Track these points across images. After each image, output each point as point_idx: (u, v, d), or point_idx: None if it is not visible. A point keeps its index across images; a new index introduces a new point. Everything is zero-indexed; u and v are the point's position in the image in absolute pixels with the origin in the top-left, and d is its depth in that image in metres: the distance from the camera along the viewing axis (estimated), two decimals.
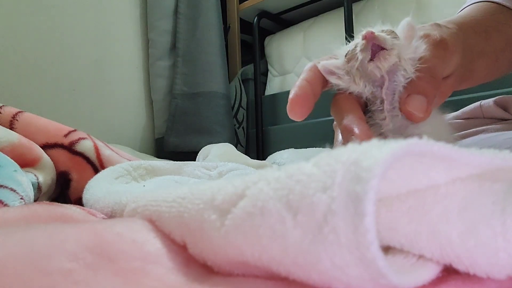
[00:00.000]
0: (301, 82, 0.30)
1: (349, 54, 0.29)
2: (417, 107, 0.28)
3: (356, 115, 0.29)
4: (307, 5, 1.45)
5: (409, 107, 0.28)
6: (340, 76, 0.30)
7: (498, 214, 0.14)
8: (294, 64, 1.45)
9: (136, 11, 1.38)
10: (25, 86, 1.06)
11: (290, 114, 0.30)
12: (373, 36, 0.28)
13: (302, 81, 0.30)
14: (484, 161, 0.15)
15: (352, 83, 0.29)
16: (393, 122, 0.29)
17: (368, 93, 0.29)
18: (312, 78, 0.31)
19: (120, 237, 0.19)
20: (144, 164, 0.52)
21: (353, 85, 0.29)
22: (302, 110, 0.29)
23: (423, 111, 0.27)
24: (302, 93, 0.30)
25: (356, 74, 0.29)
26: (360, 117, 0.29)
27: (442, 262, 0.16)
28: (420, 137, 0.14)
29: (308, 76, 0.31)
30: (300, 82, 0.30)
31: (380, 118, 0.29)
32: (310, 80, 0.30)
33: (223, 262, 0.18)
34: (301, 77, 0.31)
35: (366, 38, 0.28)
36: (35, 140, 0.50)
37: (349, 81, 0.30)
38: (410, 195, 0.16)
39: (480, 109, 0.51)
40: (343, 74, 0.30)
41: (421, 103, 0.28)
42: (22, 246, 0.16)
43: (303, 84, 0.30)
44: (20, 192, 0.37)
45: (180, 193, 0.21)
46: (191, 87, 1.34)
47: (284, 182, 0.16)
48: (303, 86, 0.30)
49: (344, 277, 0.14)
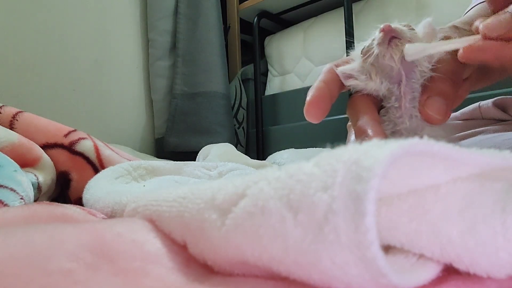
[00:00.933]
0: (318, 83, 0.30)
1: (365, 49, 0.29)
2: (436, 109, 0.27)
3: (371, 116, 0.28)
4: (307, 5, 1.45)
5: (429, 109, 0.27)
6: (357, 77, 0.30)
7: (498, 213, 0.14)
8: (294, 64, 1.45)
9: (136, 11, 1.38)
10: (25, 86, 1.06)
11: (307, 116, 0.29)
12: (390, 28, 0.27)
13: (320, 82, 0.30)
14: (484, 160, 0.15)
15: (369, 81, 0.29)
16: (410, 121, 0.29)
17: (384, 90, 0.29)
18: (329, 80, 0.30)
19: (120, 237, 0.19)
20: (144, 164, 0.52)
21: (369, 82, 0.29)
22: (319, 112, 0.29)
23: (442, 114, 0.27)
24: (319, 95, 0.29)
25: (372, 70, 0.29)
26: (375, 119, 0.28)
27: (443, 262, 0.16)
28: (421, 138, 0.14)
29: (326, 78, 0.31)
30: (317, 83, 0.30)
31: (395, 115, 0.29)
32: (328, 82, 0.30)
33: (224, 262, 0.18)
34: (319, 79, 0.31)
35: (384, 31, 0.27)
36: (35, 140, 0.50)
37: (365, 80, 0.29)
38: (410, 195, 0.16)
39: (479, 110, 0.51)
40: (359, 74, 0.30)
41: (441, 106, 0.27)
42: (22, 246, 0.16)
43: (321, 85, 0.30)
44: (20, 192, 0.37)
45: (181, 193, 0.21)
46: (191, 87, 1.34)
47: (284, 182, 0.16)
48: (321, 87, 0.30)
49: (344, 276, 0.14)
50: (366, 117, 0.28)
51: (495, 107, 0.49)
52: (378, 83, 0.29)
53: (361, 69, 0.30)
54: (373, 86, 0.29)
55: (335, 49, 1.30)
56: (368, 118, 0.28)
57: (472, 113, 0.52)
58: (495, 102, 0.50)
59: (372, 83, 0.29)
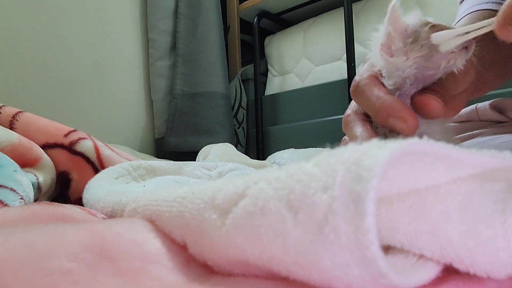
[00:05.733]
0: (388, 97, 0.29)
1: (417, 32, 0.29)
2: (432, 97, 0.28)
3: (368, 134, 0.29)
4: (307, 5, 1.45)
5: (424, 97, 0.28)
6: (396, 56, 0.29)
7: (498, 213, 0.14)
8: (294, 64, 1.45)
9: (136, 11, 1.38)
10: (25, 86, 1.06)
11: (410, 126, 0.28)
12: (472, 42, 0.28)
13: (386, 95, 0.29)
14: (484, 161, 0.15)
15: (402, 56, 0.29)
16: None
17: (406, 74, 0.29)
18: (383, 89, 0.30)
19: (120, 237, 0.19)
20: (144, 164, 0.52)
21: (400, 58, 0.29)
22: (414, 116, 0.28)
23: (439, 101, 0.28)
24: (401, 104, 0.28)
25: (412, 50, 0.29)
26: (373, 136, 0.29)
27: (443, 262, 0.16)
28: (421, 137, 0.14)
29: (383, 89, 0.30)
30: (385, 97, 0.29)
31: None
32: (384, 91, 0.30)
33: (224, 262, 0.18)
34: (377, 94, 0.29)
35: None
36: (35, 140, 0.50)
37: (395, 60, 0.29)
38: (410, 195, 0.16)
39: (476, 112, 0.51)
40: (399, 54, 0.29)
41: (436, 96, 0.28)
42: (22, 246, 0.16)
43: (390, 97, 0.29)
44: (20, 192, 0.37)
45: (181, 193, 0.21)
46: (191, 87, 1.34)
47: (284, 182, 0.16)
48: (391, 98, 0.29)
49: (344, 276, 0.14)
50: (364, 135, 0.29)
51: (492, 109, 0.49)
52: (409, 61, 0.29)
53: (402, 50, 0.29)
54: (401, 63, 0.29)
55: (335, 49, 1.30)
56: (367, 136, 0.29)
57: (469, 115, 0.52)
58: (492, 104, 0.50)
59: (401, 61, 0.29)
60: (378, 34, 0.30)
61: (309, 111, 1.29)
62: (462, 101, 0.32)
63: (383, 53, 0.30)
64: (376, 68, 0.31)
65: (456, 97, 0.30)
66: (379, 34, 0.30)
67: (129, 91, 1.35)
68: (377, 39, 0.30)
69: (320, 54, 1.36)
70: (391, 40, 0.29)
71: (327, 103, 1.24)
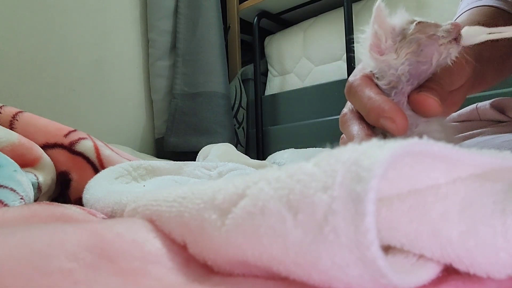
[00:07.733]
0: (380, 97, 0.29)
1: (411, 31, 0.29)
2: (428, 96, 0.28)
3: (364, 132, 0.29)
4: (307, 5, 1.45)
5: (420, 96, 0.28)
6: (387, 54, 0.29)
7: (498, 214, 0.14)
8: (294, 64, 1.45)
9: (136, 11, 1.38)
10: (25, 86, 1.06)
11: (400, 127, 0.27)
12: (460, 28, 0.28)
13: (377, 95, 0.29)
14: (484, 161, 0.15)
15: (392, 54, 0.29)
16: None
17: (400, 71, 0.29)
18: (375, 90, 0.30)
19: (120, 237, 0.19)
20: (144, 164, 0.52)
21: (390, 56, 0.29)
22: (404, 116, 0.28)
23: (435, 99, 0.28)
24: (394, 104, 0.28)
25: (401, 48, 0.29)
26: (369, 135, 0.29)
27: (443, 262, 0.16)
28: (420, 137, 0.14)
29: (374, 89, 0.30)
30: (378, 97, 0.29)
31: None
32: (376, 91, 0.30)
33: (224, 262, 0.18)
34: (368, 95, 0.29)
35: (455, 28, 0.28)
36: (35, 140, 0.50)
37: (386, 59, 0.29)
38: (410, 195, 0.16)
39: (476, 112, 0.51)
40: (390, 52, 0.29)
41: (432, 94, 0.28)
42: (22, 246, 0.16)
43: (382, 97, 0.29)
44: (20, 192, 0.37)
45: (181, 193, 0.21)
46: (191, 87, 1.34)
47: (284, 182, 0.16)
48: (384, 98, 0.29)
49: (344, 276, 0.14)
50: (362, 135, 0.29)
51: (493, 109, 0.49)
52: (400, 59, 0.29)
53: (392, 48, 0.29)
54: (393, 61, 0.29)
55: (335, 49, 1.30)
56: (364, 136, 0.29)
57: (470, 114, 0.52)
58: (493, 103, 0.50)
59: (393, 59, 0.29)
60: (365, 35, 0.30)
61: (309, 111, 1.29)
62: (461, 97, 0.32)
63: (373, 53, 0.30)
64: (368, 70, 0.31)
65: (453, 93, 0.30)
66: (366, 35, 0.30)
67: (129, 91, 1.35)
68: (365, 40, 0.30)
69: (320, 54, 1.36)
70: (379, 39, 0.29)
71: (327, 103, 1.24)
